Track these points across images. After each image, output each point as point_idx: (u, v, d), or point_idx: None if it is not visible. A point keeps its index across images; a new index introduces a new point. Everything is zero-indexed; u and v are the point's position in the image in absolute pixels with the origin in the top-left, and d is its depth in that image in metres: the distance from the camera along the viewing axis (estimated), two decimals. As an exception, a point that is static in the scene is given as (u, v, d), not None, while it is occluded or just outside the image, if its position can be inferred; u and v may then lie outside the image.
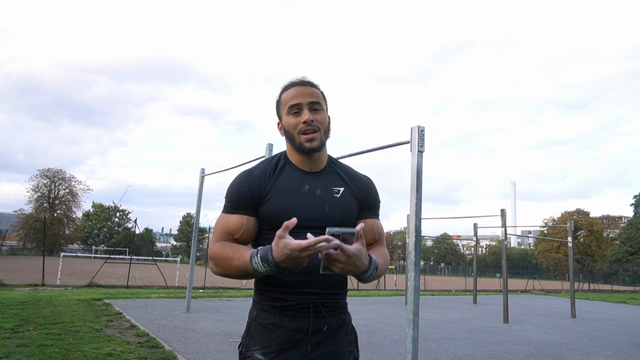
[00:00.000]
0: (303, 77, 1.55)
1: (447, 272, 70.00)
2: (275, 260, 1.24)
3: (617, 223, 73.06)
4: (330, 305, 1.48)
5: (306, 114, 1.46)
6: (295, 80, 1.54)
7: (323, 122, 1.50)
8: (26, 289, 12.43)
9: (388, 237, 69.77)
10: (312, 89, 1.51)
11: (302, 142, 1.47)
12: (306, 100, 1.48)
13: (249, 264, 1.31)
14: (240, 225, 1.47)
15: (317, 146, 1.48)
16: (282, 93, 1.55)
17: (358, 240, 1.25)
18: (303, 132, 1.46)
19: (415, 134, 3.86)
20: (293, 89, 1.51)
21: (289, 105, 1.49)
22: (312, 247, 1.18)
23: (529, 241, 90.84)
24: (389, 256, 1.64)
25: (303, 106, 1.48)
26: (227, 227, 1.47)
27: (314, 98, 1.49)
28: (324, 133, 1.51)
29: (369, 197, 1.60)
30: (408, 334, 3.72)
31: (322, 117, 1.50)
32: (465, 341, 7.70)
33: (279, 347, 1.42)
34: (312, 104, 1.49)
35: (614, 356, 7.07)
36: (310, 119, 1.46)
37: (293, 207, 1.45)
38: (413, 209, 3.81)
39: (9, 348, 4.98)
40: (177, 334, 6.59)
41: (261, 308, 1.48)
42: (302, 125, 1.46)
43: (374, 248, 1.59)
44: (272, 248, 1.26)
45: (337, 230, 1.21)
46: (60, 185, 52.52)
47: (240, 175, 1.54)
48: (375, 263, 1.38)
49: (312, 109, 1.48)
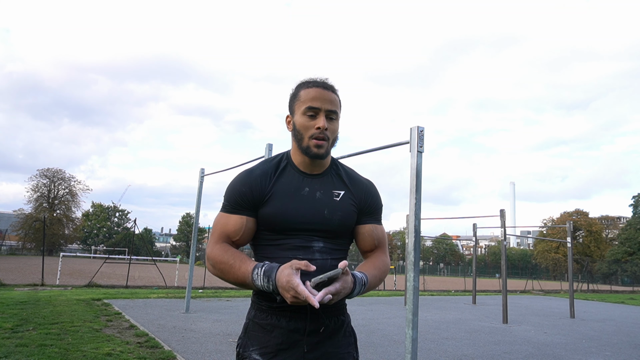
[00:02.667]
0: (326, 79, 1.52)
1: (446, 272, 69.98)
2: (276, 282, 1.30)
3: (616, 223, 73.09)
4: (328, 307, 1.46)
5: (322, 120, 1.45)
6: (318, 81, 1.51)
7: (334, 133, 1.50)
8: (25, 289, 12.42)
9: (388, 237, 69.12)
10: (333, 95, 1.49)
11: (310, 147, 1.46)
12: (326, 106, 1.46)
13: (249, 275, 1.35)
14: (240, 227, 1.47)
15: (323, 154, 1.47)
16: (301, 89, 1.51)
17: (341, 278, 1.32)
18: (314, 137, 1.45)
19: (414, 134, 3.87)
20: (315, 90, 1.47)
21: (307, 106, 1.46)
22: (303, 299, 1.25)
23: (528, 241, 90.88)
24: (389, 260, 1.63)
25: (321, 112, 1.46)
26: (227, 230, 1.46)
27: (333, 107, 1.48)
28: (332, 142, 1.51)
29: (369, 201, 1.58)
30: (407, 334, 3.72)
31: (335, 127, 1.50)
32: (464, 341, 7.70)
33: (276, 347, 1.42)
34: (330, 112, 1.47)
35: (613, 356, 7.07)
36: (325, 126, 1.44)
37: (292, 210, 1.45)
38: (412, 209, 3.82)
39: (9, 348, 4.98)
40: (177, 334, 6.59)
41: (259, 308, 1.48)
42: (315, 131, 1.45)
43: (371, 257, 1.58)
44: (278, 268, 1.31)
45: (322, 278, 1.28)
46: (60, 185, 52.50)
47: (241, 175, 1.53)
48: (361, 281, 1.41)
49: (328, 117, 1.47)
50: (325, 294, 1.26)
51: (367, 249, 1.60)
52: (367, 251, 1.61)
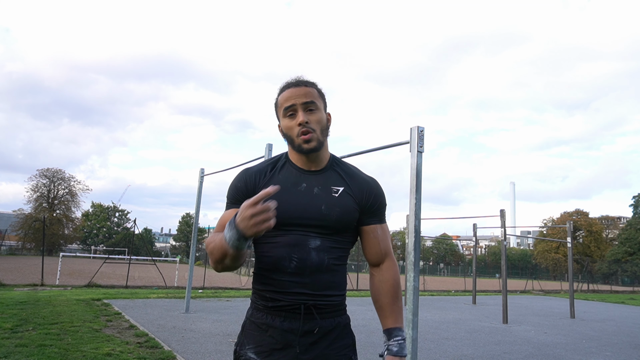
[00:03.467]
0: (298, 77, 1.53)
1: (446, 272, 69.96)
2: (236, 221, 1.20)
3: (616, 223, 73.11)
4: (323, 307, 1.45)
5: (300, 115, 1.45)
6: (290, 81, 1.52)
7: (319, 122, 1.48)
8: (25, 289, 12.42)
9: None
10: (306, 88, 1.49)
11: (300, 144, 1.46)
12: (300, 100, 1.46)
13: (223, 237, 1.26)
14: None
15: (315, 147, 1.47)
16: (278, 95, 1.54)
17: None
18: (300, 135, 1.46)
19: (414, 134, 3.87)
20: (287, 91, 1.49)
21: (284, 108, 1.48)
22: (260, 205, 1.16)
23: (528, 242, 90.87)
24: (397, 266, 1.60)
25: (297, 107, 1.46)
26: (222, 222, 1.47)
27: (308, 98, 1.47)
28: (321, 132, 1.49)
29: (371, 198, 1.55)
30: (407, 335, 3.72)
31: (318, 117, 1.49)
32: (464, 341, 7.70)
33: (270, 347, 1.41)
34: (307, 104, 1.47)
35: (613, 356, 7.07)
36: (304, 120, 1.44)
37: (288, 204, 1.44)
38: (412, 210, 3.81)
39: (8, 348, 4.97)
40: (176, 334, 6.59)
41: (256, 307, 1.48)
42: (298, 128, 1.45)
43: (383, 280, 1.54)
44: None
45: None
46: (60, 185, 52.52)
47: (239, 173, 1.57)
48: (404, 344, 1.48)
49: (306, 110, 1.47)
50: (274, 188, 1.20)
51: (374, 259, 1.56)
52: (374, 264, 1.57)
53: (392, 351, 1.44)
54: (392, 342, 1.46)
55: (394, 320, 1.50)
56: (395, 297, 1.53)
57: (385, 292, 1.53)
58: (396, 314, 1.51)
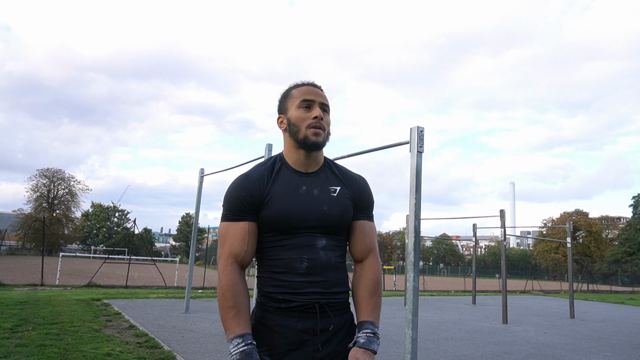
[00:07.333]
0: (314, 82, 1.62)
1: (446, 272, 69.97)
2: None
3: (616, 224, 73.16)
4: (335, 305, 1.50)
5: (317, 110, 1.52)
6: (307, 82, 1.61)
7: (328, 125, 1.57)
8: (25, 289, 12.42)
9: (387, 237, 69.51)
10: (323, 93, 1.59)
11: (308, 136, 1.50)
12: (319, 99, 1.55)
13: (231, 335, 1.44)
14: (245, 235, 1.47)
15: (321, 142, 1.52)
16: (292, 89, 1.60)
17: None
18: (312, 127, 1.50)
19: (414, 134, 3.87)
20: (307, 87, 1.58)
21: (302, 99, 1.53)
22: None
23: (528, 242, 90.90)
24: (380, 263, 1.63)
25: (315, 103, 1.54)
26: (233, 249, 1.46)
27: (326, 100, 1.58)
28: (327, 135, 1.56)
29: (363, 196, 1.61)
30: (407, 335, 3.72)
31: (329, 120, 1.58)
32: (464, 342, 7.70)
33: (286, 348, 1.43)
34: (324, 105, 1.56)
35: (613, 356, 7.07)
36: (321, 115, 1.52)
37: (293, 209, 1.47)
38: (412, 210, 3.81)
39: (8, 348, 4.97)
40: (176, 334, 6.59)
41: (266, 310, 1.49)
42: (312, 120, 1.50)
43: (364, 276, 1.57)
44: (249, 354, 1.37)
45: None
46: (60, 185, 52.56)
47: (238, 180, 1.54)
48: (375, 340, 1.49)
49: (322, 109, 1.55)
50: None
51: (358, 255, 1.59)
52: (358, 260, 1.60)
53: (359, 342, 1.45)
54: (361, 334, 1.47)
55: (367, 313, 1.52)
56: (372, 292, 1.55)
57: (364, 285, 1.56)
58: (371, 308, 1.53)
